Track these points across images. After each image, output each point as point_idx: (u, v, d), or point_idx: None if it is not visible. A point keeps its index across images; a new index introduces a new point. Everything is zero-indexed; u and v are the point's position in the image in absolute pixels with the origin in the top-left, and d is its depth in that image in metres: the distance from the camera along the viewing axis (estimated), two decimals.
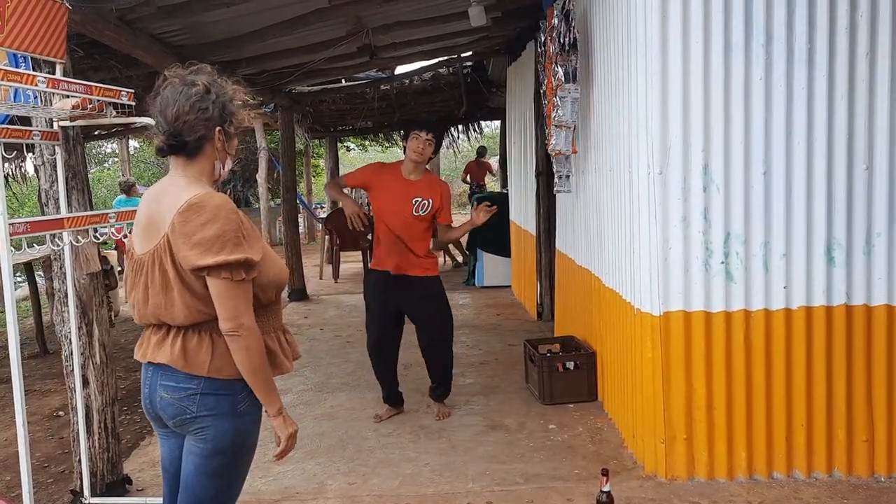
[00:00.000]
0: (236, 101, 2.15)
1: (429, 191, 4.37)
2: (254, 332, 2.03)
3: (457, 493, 3.51)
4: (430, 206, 4.35)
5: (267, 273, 2.14)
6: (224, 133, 2.13)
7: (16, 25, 2.93)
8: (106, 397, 3.62)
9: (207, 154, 2.13)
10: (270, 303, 2.20)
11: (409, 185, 4.36)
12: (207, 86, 2.10)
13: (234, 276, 2.00)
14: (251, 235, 2.08)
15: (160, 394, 2.13)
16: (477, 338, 6.62)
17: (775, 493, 3.39)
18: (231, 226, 2.00)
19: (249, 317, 2.03)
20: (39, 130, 3.26)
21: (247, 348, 2.02)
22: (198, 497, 2.16)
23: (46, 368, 6.49)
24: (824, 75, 3.36)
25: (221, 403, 2.10)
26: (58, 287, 3.53)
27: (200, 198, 2.01)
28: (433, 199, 4.36)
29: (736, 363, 3.46)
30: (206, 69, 2.16)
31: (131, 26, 4.49)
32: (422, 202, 4.34)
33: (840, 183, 3.42)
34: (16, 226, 2.66)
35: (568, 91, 4.26)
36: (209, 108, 2.08)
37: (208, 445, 2.11)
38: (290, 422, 2.16)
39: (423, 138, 4.31)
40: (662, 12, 3.34)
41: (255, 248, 2.06)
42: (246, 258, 2.00)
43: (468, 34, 7.03)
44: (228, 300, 2.00)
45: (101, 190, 19.66)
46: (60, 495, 3.81)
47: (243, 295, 2.03)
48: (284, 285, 2.27)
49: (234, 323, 2.01)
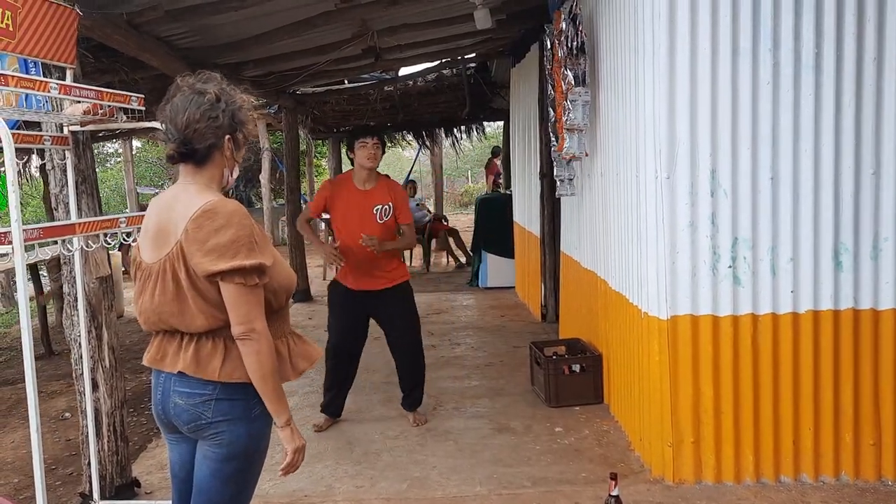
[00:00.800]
0: (245, 109, 2.17)
1: (386, 195, 4.36)
2: (266, 336, 2.05)
3: (465, 497, 3.53)
4: (391, 210, 4.35)
5: (277, 278, 2.16)
6: (234, 141, 2.15)
7: (27, 31, 2.94)
8: (115, 400, 3.64)
9: (216, 162, 2.15)
10: (281, 308, 2.21)
11: (365, 195, 4.34)
12: (218, 94, 2.12)
13: (247, 282, 2.01)
14: (263, 241, 2.10)
15: (174, 400, 2.14)
16: (481, 339, 6.63)
17: (783, 496, 3.40)
18: (245, 231, 2.02)
19: (262, 322, 2.05)
20: (50, 135, 3.28)
21: (258, 352, 2.04)
22: (213, 501, 2.18)
23: (52, 370, 6.51)
24: (832, 80, 3.37)
25: (236, 408, 2.11)
26: (67, 291, 3.54)
27: (214, 204, 2.03)
28: (392, 202, 4.35)
29: (743, 367, 3.47)
30: (215, 78, 2.18)
31: (139, 30, 4.50)
32: (382, 208, 4.33)
33: (847, 187, 3.43)
34: (29, 232, 2.67)
35: (578, 94, 4.27)
36: (219, 116, 2.10)
37: (223, 450, 2.12)
38: (297, 436, 2.14)
39: (371, 143, 4.30)
40: (670, 17, 3.35)
41: (267, 254, 2.09)
42: (259, 263, 2.02)
43: (473, 36, 7.04)
44: (242, 305, 2.02)
45: (104, 191, 19.68)
46: (69, 498, 3.82)
47: (256, 300, 2.04)
48: (293, 290, 2.28)
49: (247, 327, 2.02)
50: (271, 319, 2.15)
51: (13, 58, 3.09)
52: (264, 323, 2.06)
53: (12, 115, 3.04)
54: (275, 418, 2.12)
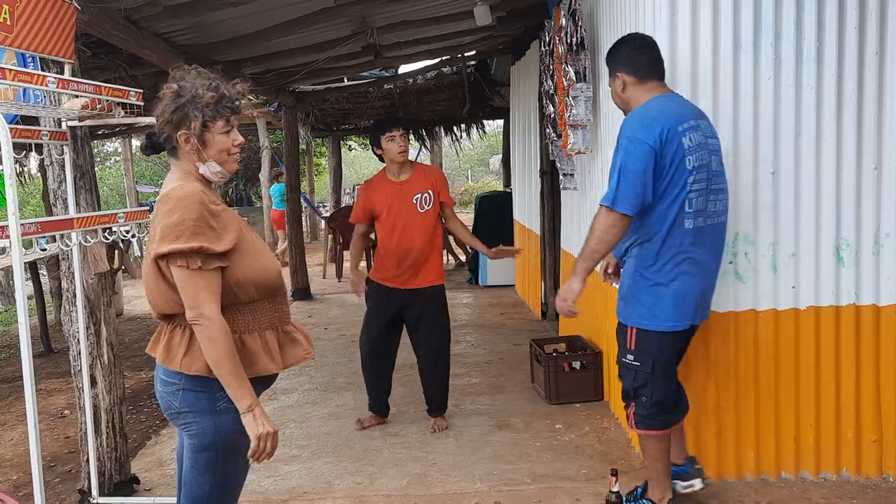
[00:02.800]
0: (203, 101, 2.15)
1: (424, 182, 4.23)
2: (216, 323, 2.05)
3: (465, 493, 3.51)
4: (431, 197, 4.21)
5: (243, 269, 2.15)
6: (194, 135, 2.15)
7: (24, 25, 2.93)
8: (114, 397, 3.63)
9: (185, 154, 2.19)
10: (252, 300, 2.19)
11: (402, 186, 4.22)
12: (178, 90, 2.16)
13: (190, 265, 2.04)
14: (222, 228, 2.10)
15: (157, 387, 2.23)
16: (481, 337, 6.62)
17: (784, 493, 3.39)
18: (190, 215, 2.05)
19: (211, 307, 2.05)
20: (48, 130, 3.27)
21: (209, 339, 2.05)
22: (194, 493, 2.22)
23: (51, 367, 6.50)
24: (833, 74, 3.35)
25: (200, 400, 2.15)
26: (66, 287, 3.53)
27: (170, 190, 2.12)
28: (431, 188, 4.22)
29: (744, 363, 3.46)
30: (192, 72, 2.21)
31: (138, 26, 4.50)
32: (423, 196, 4.19)
33: (849, 183, 3.41)
34: (27, 226, 2.66)
35: (581, 90, 4.25)
36: (175, 110, 2.14)
37: (195, 441, 2.18)
38: (262, 422, 2.09)
39: (399, 135, 4.17)
40: (671, 10, 3.33)
41: (224, 240, 2.09)
42: (200, 247, 2.04)
43: (473, 33, 7.03)
44: (189, 289, 2.06)
45: (103, 189, 19.66)
46: (68, 495, 3.81)
47: (204, 284, 2.06)
48: (271, 285, 2.24)
49: (195, 312, 2.06)
50: (240, 311, 2.16)
51: (11, 52, 3.08)
52: (214, 308, 2.06)
53: (10, 110, 3.03)
54: (236, 404, 2.10)
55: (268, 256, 2.25)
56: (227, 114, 2.17)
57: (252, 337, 2.18)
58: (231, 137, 2.20)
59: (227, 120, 2.18)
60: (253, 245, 2.21)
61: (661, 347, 2.99)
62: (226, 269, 2.10)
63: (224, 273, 2.10)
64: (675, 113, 2.88)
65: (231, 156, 2.21)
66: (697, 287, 2.95)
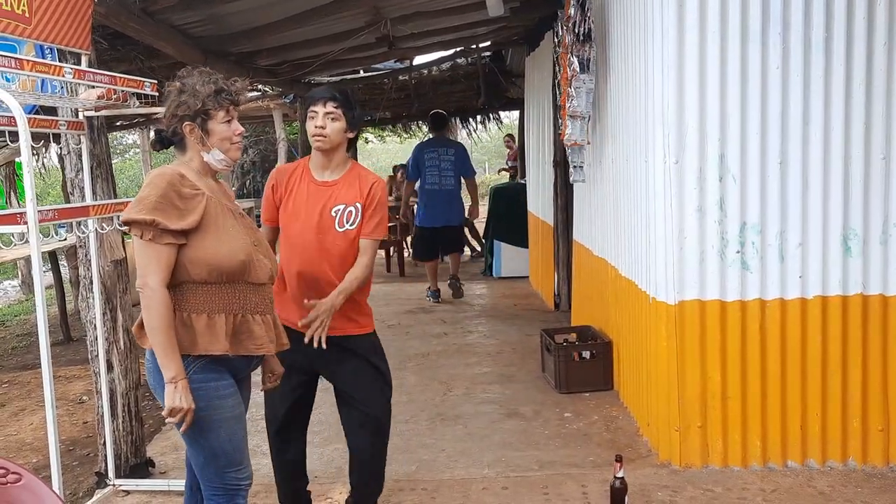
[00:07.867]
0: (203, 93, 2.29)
1: (354, 192, 2.88)
2: (157, 293, 2.18)
3: (472, 479, 3.56)
4: (357, 215, 2.85)
5: (199, 250, 2.25)
6: (199, 127, 2.30)
7: (43, 17, 3.00)
8: (129, 381, 3.71)
9: (191, 146, 2.34)
10: (204, 281, 2.27)
11: (323, 188, 2.88)
12: (181, 87, 2.31)
13: (143, 235, 2.18)
14: (186, 209, 2.23)
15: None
16: (494, 327, 6.65)
17: (789, 481, 3.41)
18: (154, 191, 2.20)
19: (155, 279, 2.18)
20: (65, 120, 3.34)
21: (147, 307, 2.20)
22: (197, 465, 2.37)
23: (71, 355, 6.62)
24: (842, 64, 3.35)
25: (156, 374, 2.27)
26: (83, 274, 3.61)
27: (153, 170, 2.32)
28: (362, 203, 2.86)
29: (751, 352, 3.48)
30: (195, 72, 2.34)
31: (153, 18, 4.56)
32: (346, 210, 2.85)
33: (857, 172, 3.41)
34: (44, 213, 2.73)
35: (583, 81, 4.27)
36: (179, 104, 2.29)
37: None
38: (180, 395, 2.18)
39: (323, 112, 2.82)
40: (679, 1, 3.34)
41: (184, 220, 2.21)
42: (153, 220, 2.17)
43: (487, 24, 7.03)
44: (140, 258, 2.21)
45: (124, 180, 19.89)
46: (86, 477, 3.91)
47: (154, 256, 2.19)
48: (232, 270, 2.29)
49: (141, 281, 2.20)
50: (193, 291, 2.26)
51: (30, 44, 3.16)
52: (157, 280, 2.18)
53: (29, 100, 3.11)
54: (162, 372, 2.21)
55: (239, 245, 2.31)
56: (226, 104, 2.31)
57: (199, 317, 2.26)
58: (232, 127, 2.34)
59: (227, 110, 2.32)
60: (225, 231, 2.29)
61: None
62: (183, 246, 2.23)
63: (181, 250, 2.23)
64: None
65: (233, 144, 2.35)
66: None
